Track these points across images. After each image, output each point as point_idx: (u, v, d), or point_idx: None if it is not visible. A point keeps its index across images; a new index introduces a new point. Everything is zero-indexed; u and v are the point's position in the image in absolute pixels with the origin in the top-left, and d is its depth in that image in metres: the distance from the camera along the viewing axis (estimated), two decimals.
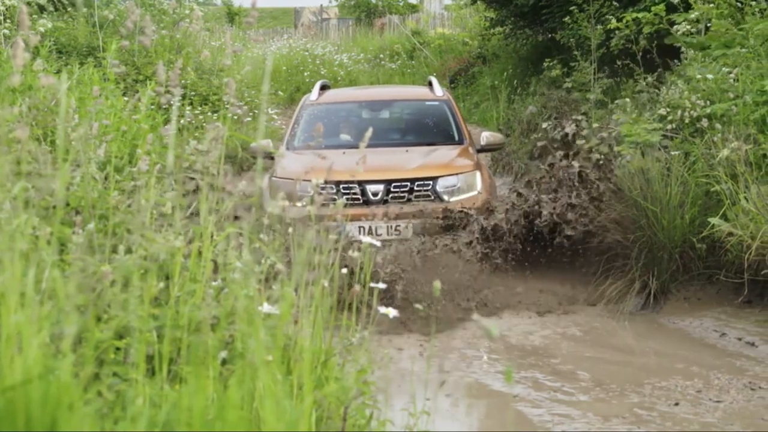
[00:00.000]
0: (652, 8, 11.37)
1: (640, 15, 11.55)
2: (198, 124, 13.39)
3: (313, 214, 6.71)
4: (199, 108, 14.68)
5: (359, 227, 9.25)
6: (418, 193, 9.67)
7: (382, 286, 4.51)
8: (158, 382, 3.19)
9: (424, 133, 11.26)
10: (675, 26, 11.04)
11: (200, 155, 3.86)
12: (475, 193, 9.90)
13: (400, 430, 4.29)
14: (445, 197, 9.72)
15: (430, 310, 8.16)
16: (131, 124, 8.01)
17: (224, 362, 3.48)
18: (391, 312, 4.53)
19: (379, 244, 5.67)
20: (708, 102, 9.43)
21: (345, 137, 10.83)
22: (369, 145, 9.85)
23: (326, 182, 8.12)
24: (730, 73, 9.47)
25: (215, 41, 22.21)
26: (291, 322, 3.73)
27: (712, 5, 10.75)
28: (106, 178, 5.10)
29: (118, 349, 3.44)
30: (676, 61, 11.45)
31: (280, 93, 22.46)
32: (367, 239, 7.78)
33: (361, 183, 9.55)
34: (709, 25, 10.65)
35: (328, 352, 3.96)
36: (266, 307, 3.57)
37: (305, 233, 3.94)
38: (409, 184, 9.68)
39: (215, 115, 14.30)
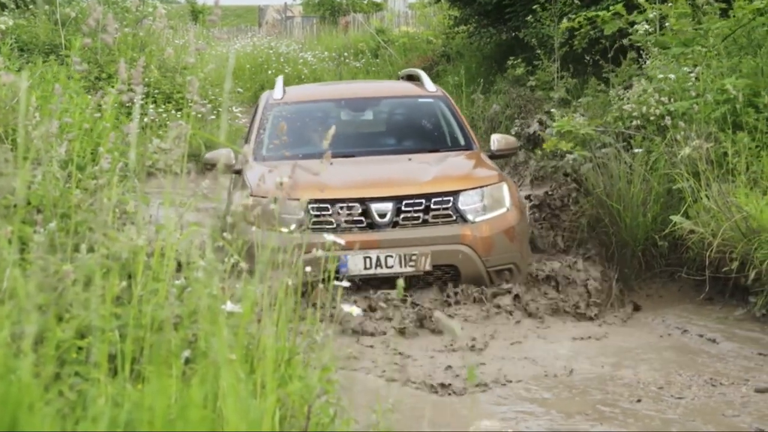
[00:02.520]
0: (611, 7, 11.43)
1: (600, 14, 11.60)
2: (162, 122, 13.32)
3: (301, 242, 6.19)
4: (163, 106, 14.61)
5: (364, 258, 7.59)
6: (435, 213, 7.86)
7: (345, 284, 4.51)
8: (120, 381, 3.17)
9: (422, 138, 9.45)
10: (635, 26, 11.11)
11: (162, 154, 3.84)
12: (503, 210, 8.09)
13: (364, 429, 4.29)
14: (469, 217, 7.90)
15: (394, 309, 7.62)
16: (94, 123, 7.95)
17: (187, 361, 3.46)
18: (355, 310, 4.54)
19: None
20: (670, 100, 9.50)
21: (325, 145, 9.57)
22: (358, 154, 8.60)
23: (318, 201, 7.44)
24: (690, 72, 9.54)
25: (179, 39, 22.11)
26: (255, 320, 3.73)
27: (670, 5, 10.82)
28: (69, 177, 5.06)
29: (80, 348, 3.42)
30: (639, 60, 11.52)
31: (242, 91, 22.39)
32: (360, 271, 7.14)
33: (364, 201, 7.78)
34: (666, 24, 10.73)
35: (292, 350, 3.95)
36: (229, 306, 3.56)
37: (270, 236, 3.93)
38: (423, 201, 7.85)
39: (179, 113, 14.24)
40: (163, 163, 3.86)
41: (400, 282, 4.53)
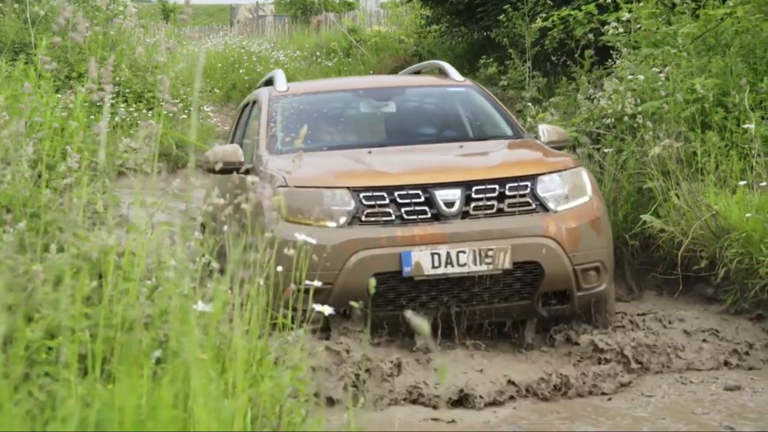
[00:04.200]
0: (583, 7, 11.48)
1: (572, 13, 11.65)
2: (133, 121, 13.27)
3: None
4: (134, 105, 14.55)
5: (432, 255, 6.35)
6: (511, 201, 6.64)
7: (317, 284, 4.51)
8: (91, 381, 3.16)
9: (463, 127, 8.34)
10: (606, 26, 11.17)
11: (132, 153, 3.83)
12: (586, 198, 6.93)
13: (335, 429, 4.30)
14: (551, 205, 6.71)
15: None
16: (64, 122, 7.90)
17: (159, 361, 3.45)
18: (327, 309, 4.54)
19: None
20: (638, 101, 9.56)
21: (350, 136, 8.13)
22: (395, 143, 7.65)
23: (372, 189, 6.49)
24: (660, 72, 9.60)
25: (150, 38, 22.02)
26: (227, 320, 3.72)
27: (641, 4, 10.88)
28: (39, 177, 5.04)
29: (49, 348, 3.41)
30: (609, 60, 11.59)
31: (216, 90, 22.32)
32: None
33: (427, 188, 6.57)
34: (639, 25, 10.80)
35: (263, 350, 3.95)
36: (200, 306, 3.55)
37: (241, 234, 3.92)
38: (497, 187, 6.64)
39: (150, 112, 14.18)
40: (133, 162, 3.85)
41: (372, 281, 4.31)
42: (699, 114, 9.02)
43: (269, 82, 9.24)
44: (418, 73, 9.86)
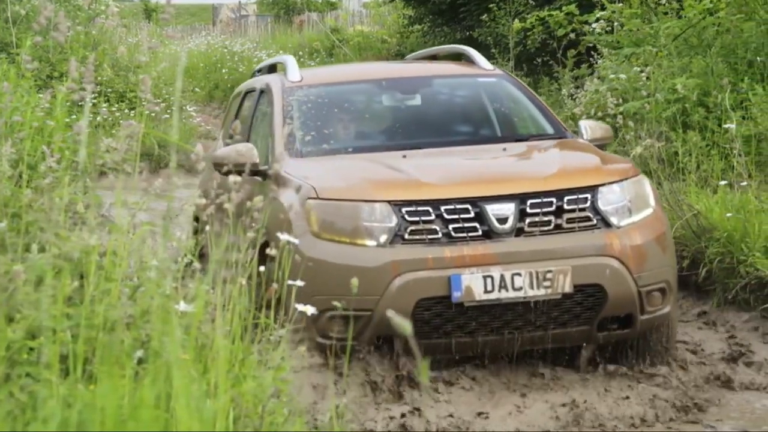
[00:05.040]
0: (564, 7, 11.51)
1: (553, 13, 11.68)
2: (115, 121, 13.23)
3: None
4: (116, 105, 14.51)
5: (484, 277, 5.67)
6: (570, 216, 5.90)
7: (300, 283, 4.51)
8: (72, 382, 3.15)
9: (500, 124, 7.48)
10: (586, 26, 11.21)
11: (113, 152, 3.82)
12: (650, 211, 6.18)
13: (318, 429, 4.30)
14: (614, 220, 5.97)
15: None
16: (45, 121, 7.86)
17: (140, 361, 3.45)
18: (309, 309, 4.54)
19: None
20: (619, 100, 9.59)
21: (378, 135, 7.30)
22: (427, 145, 6.84)
23: (414, 203, 5.73)
24: (641, 71, 9.64)
25: (132, 38, 21.96)
26: (209, 320, 3.72)
27: (621, 4, 10.92)
28: (20, 176, 5.02)
29: (31, 349, 3.40)
30: (591, 59, 11.63)
31: (197, 90, 22.29)
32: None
33: (477, 202, 5.81)
34: (621, 25, 10.84)
35: (246, 350, 3.95)
36: (183, 306, 3.55)
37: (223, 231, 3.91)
38: (554, 200, 5.89)
39: (132, 112, 14.15)
40: (112, 162, 3.84)
41: (354, 281, 4.27)
42: (680, 114, 9.06)
43: (272, 69, 8.49)
44: (433, 57, 8.87)
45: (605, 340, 6.06)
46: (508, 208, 5.82)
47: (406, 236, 5.72)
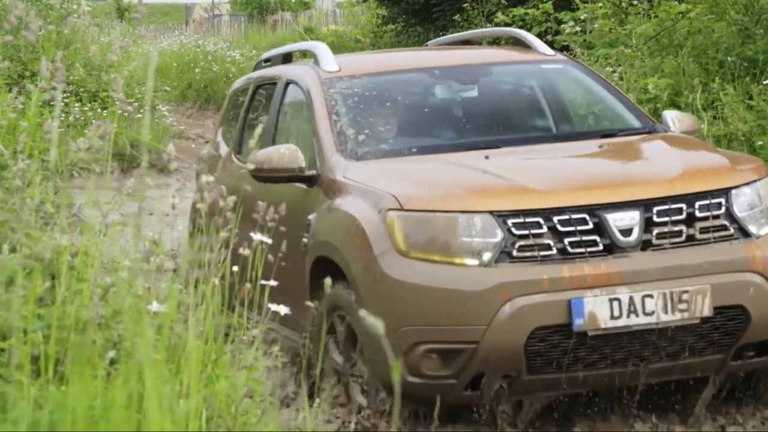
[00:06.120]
0: (540, 6, 11.56)
1: (529, 11, 11.73)
2: (87, 120, 13.17)
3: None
4: (89, 105, 14.45)
5: (610, 301, 4.79)
6: (704, 224, 5.04)
7: (273, 283, 4.49)
8: (44, 383, 3.14)
9: (577, 117, 6.74)
10: (562, 25, 11.26)
11: (84, 152, 3.80)
12: None
13: (292, 429, 4.30)
14: (752, 228, 5.10)
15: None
16: (17, 121, 7.82)
17: (112, 362, 3.44)
18: (282, 309, 4.53)
19: None
20: None
21: (444, 132, 6.39)
22: (505, 143, 5.96)
23: (522, 213, 4.89)
24: (614, 71, 9.69)
25: (105, 37, 21.86)
26: (182, 321, 3.71)
27: (600, 5, 10.98)
28: None
29: (1, 350, 3.38)
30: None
31: (171, 89, 22.21)
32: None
33: (595, 210, 4.95)
34: (595, 25, 10.89)
35: (219, 350, 3.94)
36: (155, 306, 3.54)
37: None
38: (684, 206, 5.03)
39: (105, 111, 14.09)
40: (81, 161, 3.82)
41: (328, 280, 4.00)
42: (652, 113, 9.10)
43: (287, 58, 7.66)
44: (466, 42, 7.96)
45: (737, 369, 5.21)
46: (632, 217, 4.96)
47: (515, 253, 4.86)
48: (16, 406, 2.80)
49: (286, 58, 7.64)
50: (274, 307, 4.31)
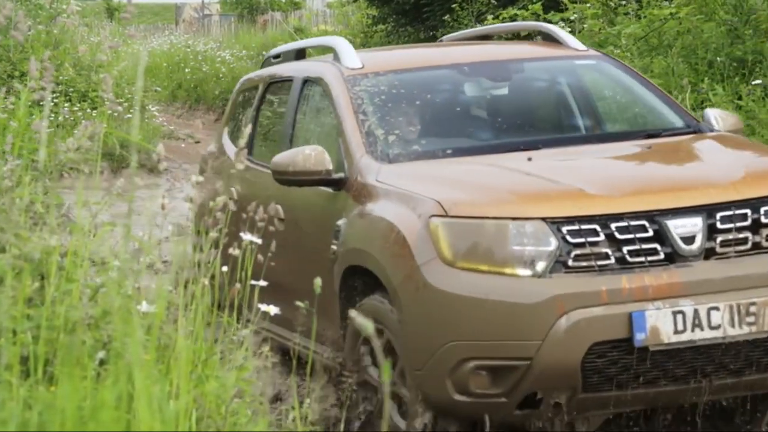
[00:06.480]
0: (530, 7, 11.59)
1: (518, 13, 11.75)
2: (77, 120, 13.15)
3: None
4: (78, 105, 14.43)
5: (674, 314, 4.49)
6: None
7: (263, 283, 4.48)
8: (33, 383, 3.14)
9: (617, 116, 6.47)
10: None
11: (74, 152, 3.80)
12: None
13: (282, 429, 4.29)
14: None
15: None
16: (8, 121, 7.80)
17: (102, 362, 3.44)
18: (272, 309, 4.52)
19: None
20: None
21: (481, 132, 6.03)
22: (545, 143, 5.65)
23: (577, 220, 4.57)
24: None
25: (94, 37, 21.84)
26: (171, 321, 3.71)
27: (589, 5, 11.01)
28: None
29: None
30: None
31: (160, 90, 22.20)
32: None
33: (654, 216, 4.63)
34: (585, 26, 10.92)
35: (209, 350, 3.94)
36: (144, 306, 3.54)
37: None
38: (749, 211, 4.73)
39: (94, 111, 14.07)
40: (71, 161, 3.82)
41: (317, 281, 3.89)
42: None
43: (300, 54, 7.23)
44: (485, 37, 7.53)
45: None
46: (695, 224, 4.64)
47: (570, 262, 4.54)
48: (5, 407, 2.79)
49: (300, 55, 7.22)
50: (264, 307, 4.29)
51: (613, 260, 4.56)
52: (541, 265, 4.50)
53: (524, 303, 4.43)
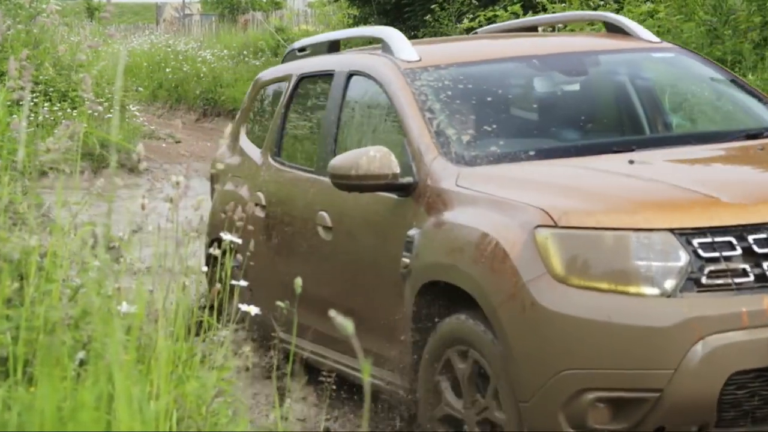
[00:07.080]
0: (509, 7, 11.62)
1: (498, 13, 11.78)
2: (57, 120, 13.10)
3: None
4: (58, 104, 14.37)
5: None
6: None
7: (243, 283, 4.47)
8: (12, 384, 3.12)
9: (709, 114, 5.88)
10: None
11: (53, 152, 3.79)
12: None
13: (263, 429, 4.29)
14: None
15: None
16: None
17: (82, 363, 3.43)
18: (253, 309, 4.52)
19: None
20: None
21: (567, 133, 5.43)
22: (640, 144, 5.17)
23: (710, 232, 4.01)
24: None
25: (75, 36, 21.76)
26: (152, 321, 3.70)
27: (563, 5, 11.04)
28: None
29: None
30: None
31: (141, 89, 22.15)
32: None
33: None
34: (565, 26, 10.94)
35: (189, 350, 3.93)
36: (125, 307, 3.53)
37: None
38: None
39: (75, 111, 14.02)
40: (50, 161, 3.81)
41: (298, 280, 3.77)
42: None
43: (334, 46, 6.59)
44: (533, 29, 6.97)
45: None
46: None
47: (704, 280, 3.97)
48: None
49: (333, 47, 6.55)
50: (244, 307, 4.28)
51: (752, 277, 4.00)
52: (670, 283, 3.96)
53: (653, 327, 3.90)
